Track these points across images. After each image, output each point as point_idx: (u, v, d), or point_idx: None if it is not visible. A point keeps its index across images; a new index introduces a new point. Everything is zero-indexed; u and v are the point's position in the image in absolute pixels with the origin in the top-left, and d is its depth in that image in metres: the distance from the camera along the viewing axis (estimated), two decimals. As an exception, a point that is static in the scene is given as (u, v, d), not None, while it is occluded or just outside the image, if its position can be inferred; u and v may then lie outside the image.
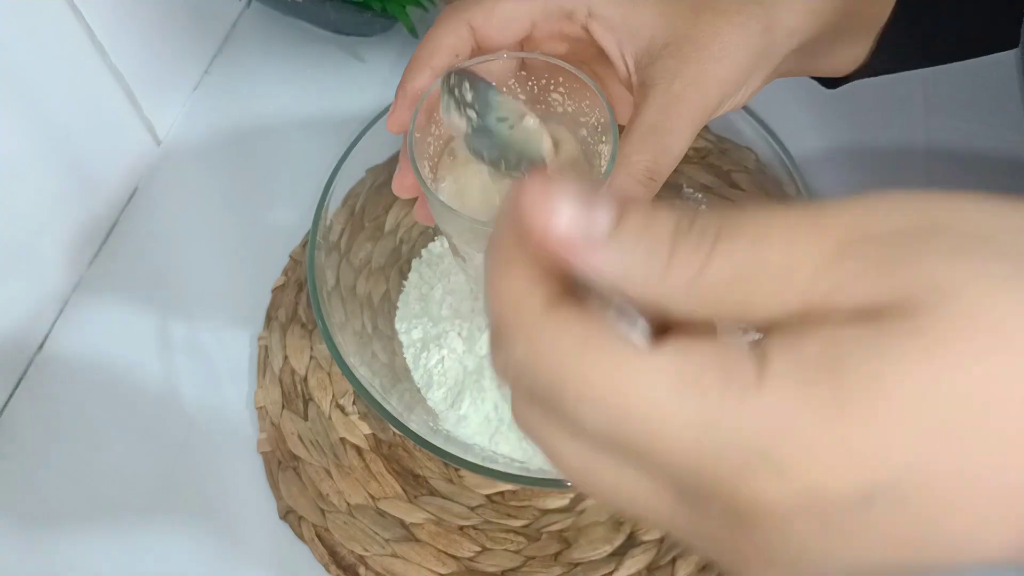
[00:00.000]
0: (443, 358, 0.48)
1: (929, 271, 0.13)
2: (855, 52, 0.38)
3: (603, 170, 0.33)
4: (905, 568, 0.14)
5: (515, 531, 0.45)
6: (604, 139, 0.34)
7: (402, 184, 0.35)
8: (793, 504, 0.14)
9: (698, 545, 0.16)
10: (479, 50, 0.34)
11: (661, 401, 0.14)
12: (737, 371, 0.14)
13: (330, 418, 0.49)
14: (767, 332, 0.15)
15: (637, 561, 0.44)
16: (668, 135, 0.31)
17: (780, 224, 0.15)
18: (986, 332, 0.13)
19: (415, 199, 0.42)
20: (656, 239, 0.15)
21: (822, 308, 0.14)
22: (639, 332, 0.15)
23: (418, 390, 0.48)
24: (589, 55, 0.35)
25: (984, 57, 0.63)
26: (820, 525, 0.14)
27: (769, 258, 0.15)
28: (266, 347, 0.52)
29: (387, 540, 0.45)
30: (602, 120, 0.33)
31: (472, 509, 0.46)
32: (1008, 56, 0.63)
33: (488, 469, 0.39)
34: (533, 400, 0.17)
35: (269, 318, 0.53)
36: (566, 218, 0.15)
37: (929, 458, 0.13)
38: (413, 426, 0.41)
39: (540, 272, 0.16)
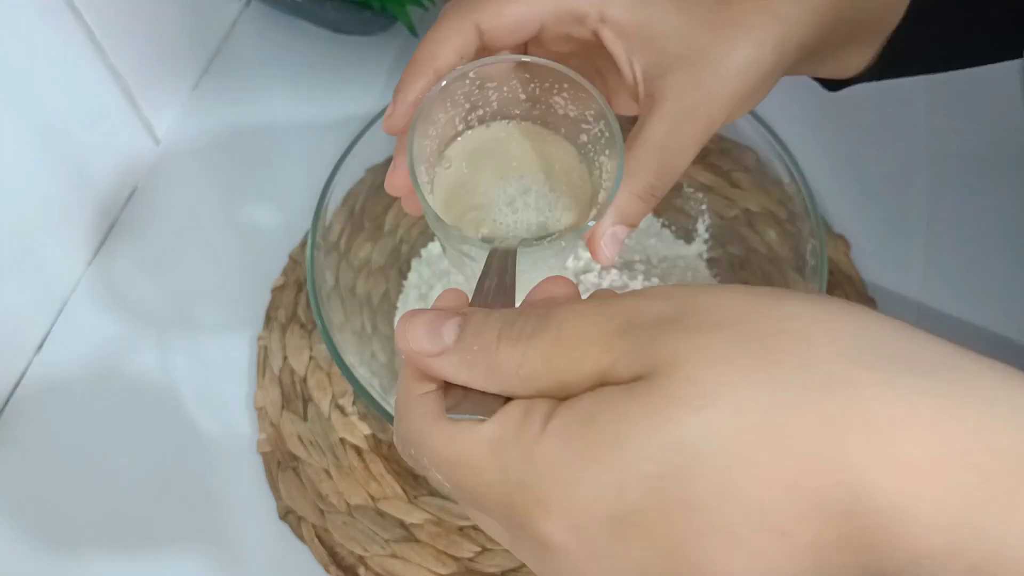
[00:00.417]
0: (443, 358, 0.48)
1: (669, 347, 0.17)
2: (861, 58, 0.38)
3: (604, 183, 0.32)
4: None
5: (515, 531, 0.45)
6: (608, 152, 0.32)
7: (394, 184, 0.35)
8: (562, 535, 0.18)
9: (530, 567, 0.20)
10: (483, 51, 0.33)
11: (478, 461, 0.19)
12: (528, 427, 0.18)
13: (329, 418, 0.49)
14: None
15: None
16: (675, 154, 0.31)
17: (574, 317, 0.19)
18: (695, 392, 0.17)
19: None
20: (485, 344, 0.20)
21: (611, 377, 0.18)
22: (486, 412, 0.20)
23: (418, 390, 0.47)
24: (597, 58, 0.34)
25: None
26: (588, 550, 0.18)
27: (568, 344, 0.19)
28: (266, 347, 0.52)
29: (387, 540, 0.45)
30: (606, 133, 0.32)
31: (472, 509, 0.46)
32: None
33: (488, 470, 0.39)
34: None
35: (269, 318, 0.53)
36: (415, 342, 0.21)
37: (656, 488, 0.17)
38: (413, 427, 0.41)
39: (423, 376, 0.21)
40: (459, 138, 0.35)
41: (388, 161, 0.52)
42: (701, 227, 0.53)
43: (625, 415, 0.17)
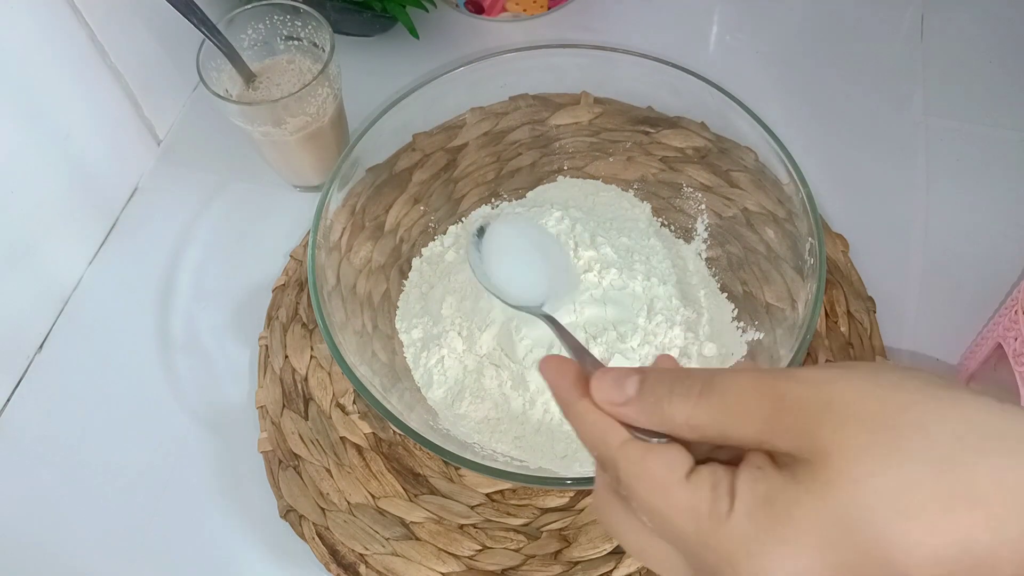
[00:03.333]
0: (443, 357, 0.48)
1: (822, 440, 0.23)
2: None
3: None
4: None
5: (515, 529, 0.45)
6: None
7: None
8: None
9: None
10: None
11: (679, 515, 0.24)
12: (718, 502, 0.24)
13: (330, 417, 0.49)
14: (740, 461, 0.25)
15: (637, 560, 0.44)
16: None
17: (736, 388, 0.25)
18: (846, 480, 0.22)
19: (416, 203, 0.45)
20: (659, 395, 0.26)
21: (767, 445, 0.24)
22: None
23: (418, 389, 0.48)
24: None
25: (984, 57, 0.63)
26: None
27: (732, 411, 0.25)
28: (267, 347, 0.52)
29: (387, 539, 0.45)
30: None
31: (472, 508, 0.46)
32: (1007, 57, 0.63)
33: (488, 467, 0.40)
34: (616, 497, 0.27)
35: (270, 318, 0.53)
36: (604, 393, 0.27)
37: (821, 563, 0.22)
38: (413, 425, 0.41)
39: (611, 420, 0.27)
40: None
41: (389, 161, 0.53)
42: (700, 226, 0.53)
43: (796, 501, 0.23)
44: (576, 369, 0.29)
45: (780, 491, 0.23)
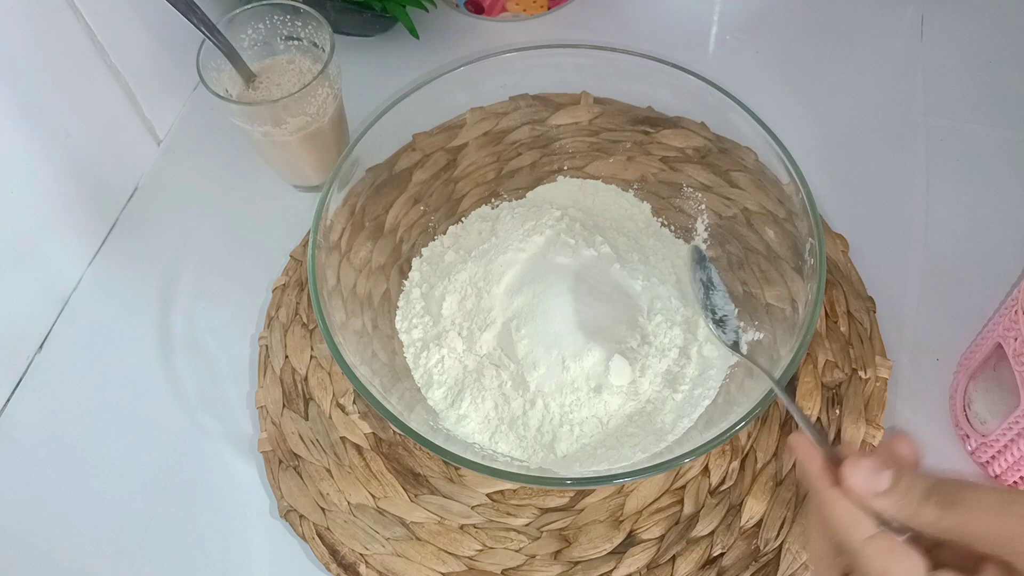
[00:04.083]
0: (443, 357, 0.48)
1: None
2: None
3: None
4: None
5: (515, 530, 0.45)
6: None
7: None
8: None
9: None
10: None
11: None
12: None
13: (331, 417, 0.49)
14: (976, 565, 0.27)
15: (637, 559, 0.44)
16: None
17: (983, 506, 0.27)
18: None
19: (416, 203, 0.47)
20: (913, 497, 0.28)
21: (1005, 558, 0.26)
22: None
23: (418, 389, 0.48)
24: None
25: (984, 57, 0.63)
26: None
27: (980, 524, 0.27)
28: (267, 347, 0.52)
29: (388, 539, 0.45)
30: None
31: (473, 508, 0.46)
32: (1007, 57, 0.63)
33: (488, 467, 0.40)
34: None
35: (269, 318, 0.53)
36: (858, 479, 0.29)
37: None
38: (413, 425, 0.41)
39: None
40: None
41: (388, 161, 0.53)
42: (700, 226, 0.53)
43: None
44: (821, 455, 0.31)
45: None
